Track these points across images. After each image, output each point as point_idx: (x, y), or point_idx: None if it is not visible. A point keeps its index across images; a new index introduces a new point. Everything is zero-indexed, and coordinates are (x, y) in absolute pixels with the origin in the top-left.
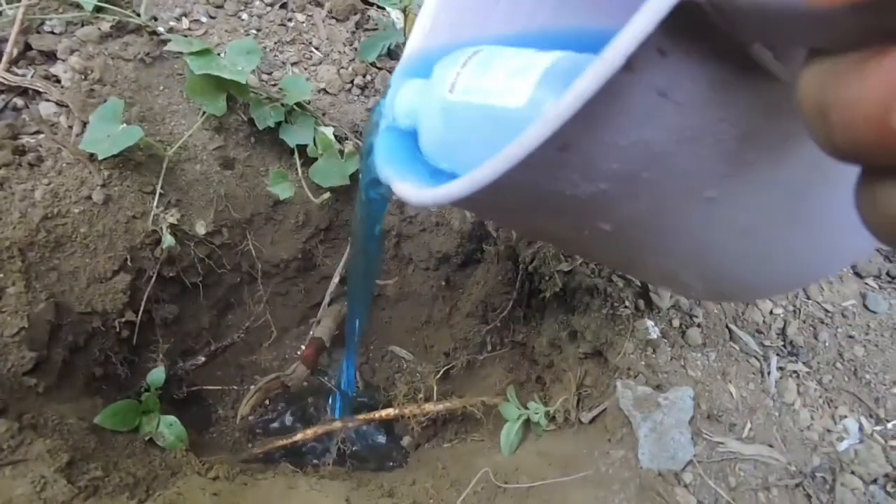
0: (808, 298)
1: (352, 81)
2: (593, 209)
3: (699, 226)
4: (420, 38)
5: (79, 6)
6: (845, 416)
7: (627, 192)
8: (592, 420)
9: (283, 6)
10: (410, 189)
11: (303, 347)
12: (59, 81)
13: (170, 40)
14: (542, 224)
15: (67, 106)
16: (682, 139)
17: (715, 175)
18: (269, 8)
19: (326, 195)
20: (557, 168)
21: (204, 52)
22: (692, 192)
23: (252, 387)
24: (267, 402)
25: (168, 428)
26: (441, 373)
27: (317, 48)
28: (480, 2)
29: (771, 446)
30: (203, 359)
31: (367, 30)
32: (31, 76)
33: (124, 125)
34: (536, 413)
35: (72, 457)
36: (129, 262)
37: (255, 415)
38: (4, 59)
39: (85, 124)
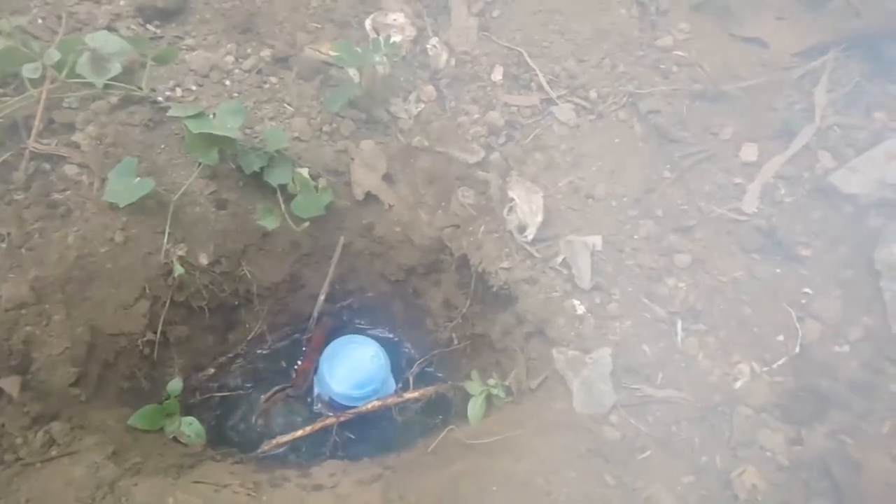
0: (706, 273)
1: (321, 129)
2: None
3: None
4: None
5: (91, 85)
6: (739, 362)
7: None
8: (539, 386)
9: (259, 72)
10: None
11: (299, 362)
12: (79, 147)
13: (168, 107)
14: None
15: (88, 166)
16: None
17: None
18: (246, 74)
19: (306, 224)
20: None
21: (199, 115)
22: None
23: (262, 397)
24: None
25: (188, 427)
26: (416, 367)
27: (289, 104)
28: None
29: (680, 390)
30: (212, 370)
31: (330, 86)
32: (56, 144)
33: (138, 179)
34: (495, 388)
35: (115, 448)
36: (147, 291)
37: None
38: (33, 132)
39: (104, 180)
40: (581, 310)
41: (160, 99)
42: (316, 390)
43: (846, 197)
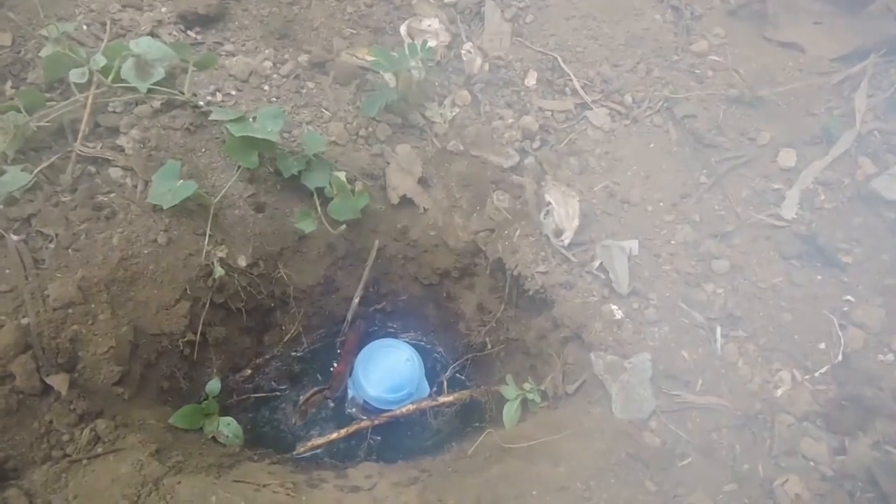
0: (744, 279)
1: (357, 133)
2: None
3: None
4: None
5: (134, 90)
6: (780, 370)
7: None
8: (576, 390)
9: (297, 77)
10: None
11: (334, 364)
12: (123, 150)
13: (208, 112)
14: None
15: (132, 169)
16: None
17: None
18: (284, 79)
19: (342, 227)
20: None
21: (240, 119)
22: None
23: (301, 397)
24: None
25: (226, 427)
26: (450, 371)
27: (326, 108)
28: None
29: (720, 397)
30: (249, 371)
31: (366, 90)
32: (101, 147)
33: (181, 181)
34: (531, 392)
35: (158, 447)
36: (188, 292)
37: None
38: (80, 136)
39: (147, 183)
40: (619, 314)
41: (201, 103)
42: (350, 393)
43: (888, 203)
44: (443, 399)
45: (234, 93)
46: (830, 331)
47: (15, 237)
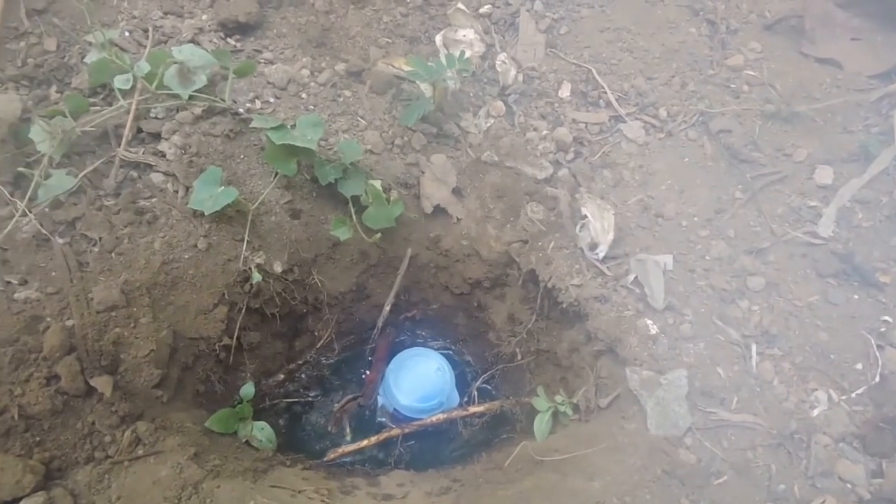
0: (780, 297)
1: (392, 142)
2: None
3: None
4: None
5: (176, 96)
6: (816, 389)
7: None
8: (609, 404)
9: (333, 86)
10: None
11: (367, 373)
12: (164, 156)
13: (248, 119)
14: None
15: (173, 175)
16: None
17: None
18: (321, 87)
19: (377, 235)
20: None
21: (280, 127)
22: None
23: (336, 404)
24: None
25: (260, 431)
26: (480, 381)
27: (362, 117)
28: None
29: (755, 415)
30: (282, 376)
31: (401, 100)
32: (143, 153)
33: (222, 187)
34: (563, 405)
35: (196, 450)
36: (225, 297)
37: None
38: (123, 141)
39: (188, 188)
40: (654, 329)
41: (241, 111)
42: (380, 401)
43: None
44: (473, 409)
45: (272, 100)
46: (868, 351)
47: (60, 240)
